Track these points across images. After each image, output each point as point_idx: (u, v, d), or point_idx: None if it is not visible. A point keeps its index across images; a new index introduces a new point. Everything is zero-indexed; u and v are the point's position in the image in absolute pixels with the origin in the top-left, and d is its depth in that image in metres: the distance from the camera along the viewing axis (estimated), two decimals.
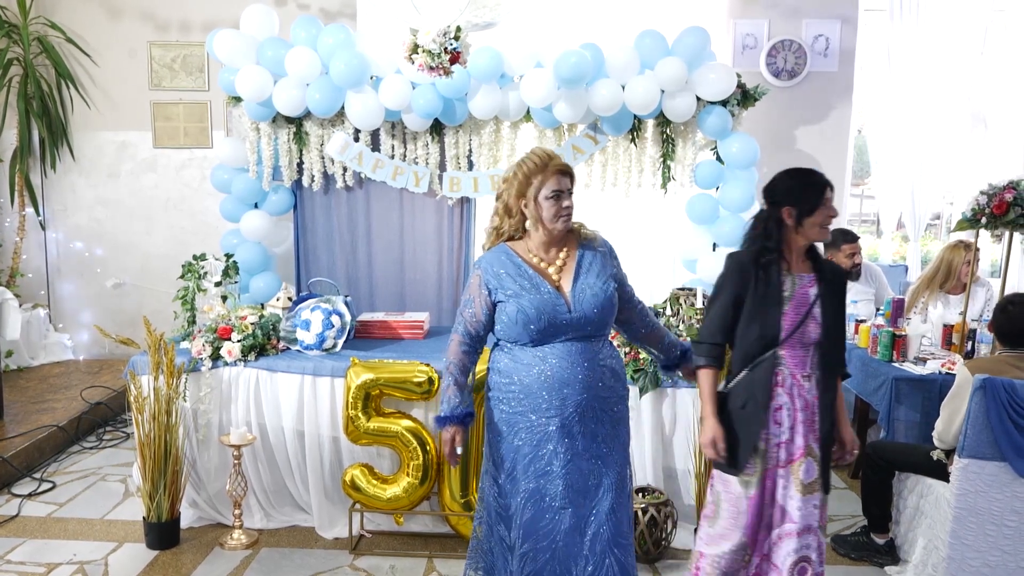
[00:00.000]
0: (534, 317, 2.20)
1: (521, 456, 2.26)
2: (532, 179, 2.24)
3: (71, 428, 4.37)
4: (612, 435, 2.30)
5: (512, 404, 2.26)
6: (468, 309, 2.32)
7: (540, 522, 2.25)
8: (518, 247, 2.32)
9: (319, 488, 3.40)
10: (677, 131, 4.74)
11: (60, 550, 3.23)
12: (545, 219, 2.25)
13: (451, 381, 2.30)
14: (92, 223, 5.58)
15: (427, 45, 3.33)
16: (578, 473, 2.24)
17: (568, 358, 2.23)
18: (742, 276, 2.37)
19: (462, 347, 2.32)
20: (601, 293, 2.26)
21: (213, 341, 3.35)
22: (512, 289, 2.24)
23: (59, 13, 5.35)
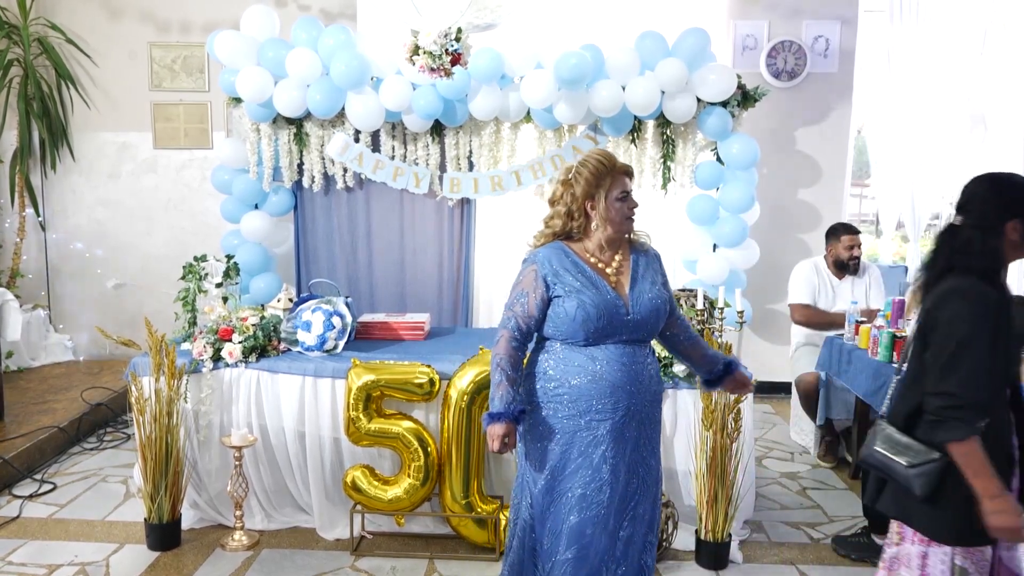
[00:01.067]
0: (594, 316, 2.18)
1: (568, 461, 2.23)
2: (603, 180, 2.23)
3: (72, 429, 4.37)
4: (653, 439, 2.31)
5: (559, 408, 2.23)
6: (520, 303, 2.27)
7: (585, 529, 2.22)
8: (575, 247, 2.30)
9: (320, 489, 3.40)
10: (677, 132, 4.75)
11: (61, 551, 3.23)
12: (614, 220, 2.25)
13: (503, 377, 2.25)
14: (92, 224, 5.58)
15: (428, 47, 3.34)
16: (624, 478, 2.23)
17: (620, 360, 2.21)
18: (998, 314, 1.91)
19: (512, 343, 2.27)
20: (657, 298, 2.26)
21: (214, 342, 3.35)
22: (572, 285, 2.21)
23: (59, 14, 5.35)
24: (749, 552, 3.29)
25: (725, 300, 3.69)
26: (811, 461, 4.35)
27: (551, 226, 2.32)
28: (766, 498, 3.83)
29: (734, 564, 3.18)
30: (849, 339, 4.00)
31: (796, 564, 3.20)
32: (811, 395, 4.30)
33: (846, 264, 4.41)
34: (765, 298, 5.29)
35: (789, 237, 5.39)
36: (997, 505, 1.81)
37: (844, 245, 4.42)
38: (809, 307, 4.51)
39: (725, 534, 3.14)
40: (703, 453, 3.09)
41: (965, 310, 1.89)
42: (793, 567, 3.18)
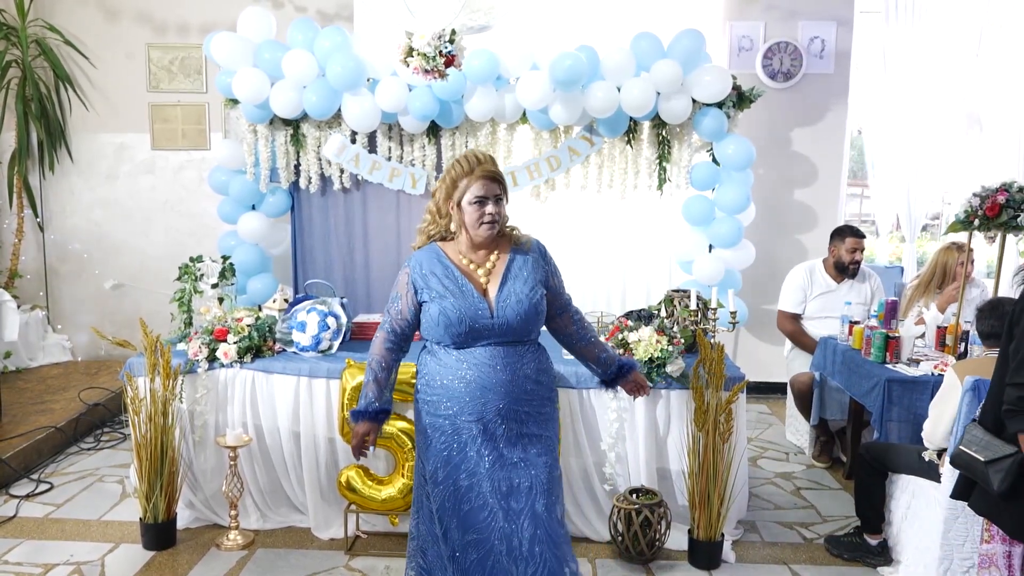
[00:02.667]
0: (455, 320, 2.22)
1: (450, 457, 2.27)
2: (459, 182, 2.24)
3: (69, 429, 4.39)
4: (537, 436, 2.31)
5: (437, 407, 2.29)
6: (395, 306, 2.34)
7: (477, 518, 2.25)
8: (448, 248, 2.33)
9: (315, 489, 3.41)
10: (673, 133, 4.77)
11: (57, 551, 3.24)
12: (468, 224, 2.26)
13: (371, 377, 2.34)
14: (90, 225, 5.60)
15: (422, 48, 3.36)
16: (504, 476, 2.25)
17: (490, 362, 2.25)
18: None
19: (386, 344, 2.35)
20: (526, 300, 2.27)
21: (209, 343, 3.36)
22: (437, 290, 2.26)
23: (57, 15, 5.37)
24: (742, 552, 3.30)
25: (718, 301, 3.70)
26: (806, 461, 4.36)
27: (424, 222, 2.36)
28: (760, 498, 3.84)
29: (727, 564, 3.19)
30: (843, 340, 4.01)
31: (789, 564, 3.21)
32: (805, 396, 4.31)
33: (846, 267, 4.42)
34: (760, 299, 5.30)
35: (785, 238, 5.40)
36: None
37: (847, 248, 4.43)
38: (796, 319, 4.52)
39: (718, 534, 3.15)
40: (695, 453, 3.11)
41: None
42: (786, 567, 3.18)
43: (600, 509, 3.38)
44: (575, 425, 3.35)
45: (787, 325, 4.54)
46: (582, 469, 3.39)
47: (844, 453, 4.20)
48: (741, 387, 3.10)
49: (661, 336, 3.33)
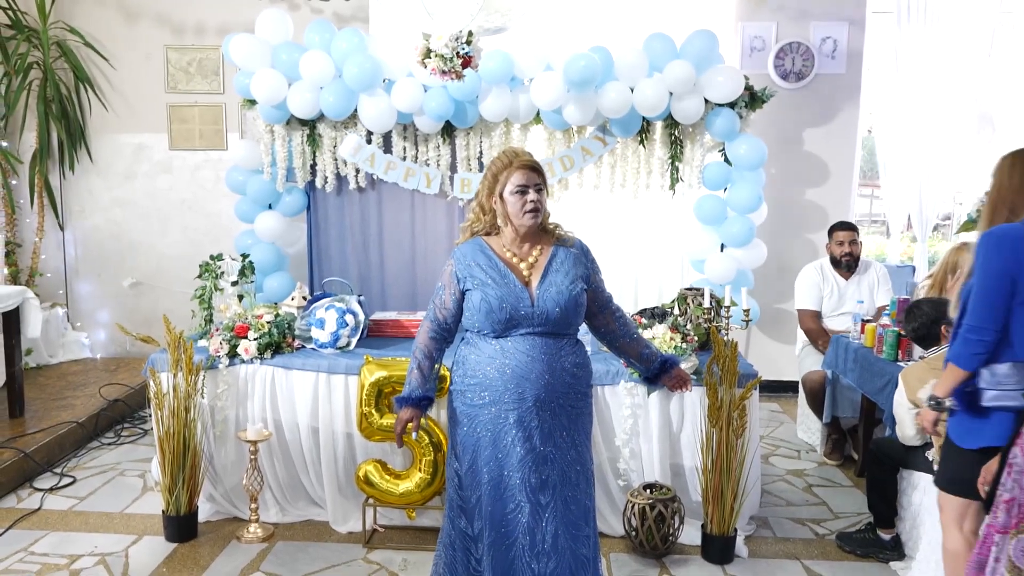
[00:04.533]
0: (496, 307, 2.28)
1: (482, 448, 2.33)
2: (499, 176, 2.32)
3: (90, 424, 4.46)
4: (571, 430, 2.36)
5: (473, 396, 2.34)
6: (439, 297, 2.41)
7: (502, 512, 2.31)
8: (492, 242, 2.40)
9: (333, 483, 3.47)
10: (685, 133, 4.80)
11: (81, 542, 3.31)
12: (511, 214, 2.33)
13: (415, 365, 2.41)
14: (109, 224, 5.68)
15: (439, 50, 3.40)
16: (535, 467, 2.30)
17: (528, 352, 2.30)
18: None
19: (430, 334, 2.42)
20: (566, 292, 2.32)
21: (230, 339, 3.42)
22: (480, 279, 2.32)
23: (77, 17, 5.45)
24: (754, 547, 3.34)
25: (731, 299, 3.73)
26: (817, 459, 4.39)
27: (468, 221, 2.44)
28: (772, 495, 3.88)
29: (739, 559, 3.23)
30: (855, 338, 4.04)
31: (801, 559, 3.24)
32: (817, 393, 4.34)
33: (839, 261, 4.45)
34: (772, 298, 5.33)
35: (797, 237, 5.43)
36: None
37: (836, 241, 4.46)
38: (817, 316, 4.55)
39: (731, 529, 3.18)
40: (708, 449, 3.14)
41: None
42: (798, 562, 3.22)
43: (615, 504, 3.42)
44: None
45: (810, 323, 4.56)
46: (597, 465, 3.39)
47: (856, 451, 4.23)
48: (755, 384, 3.14)
49: (675, 334, 3.38)
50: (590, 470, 2.46)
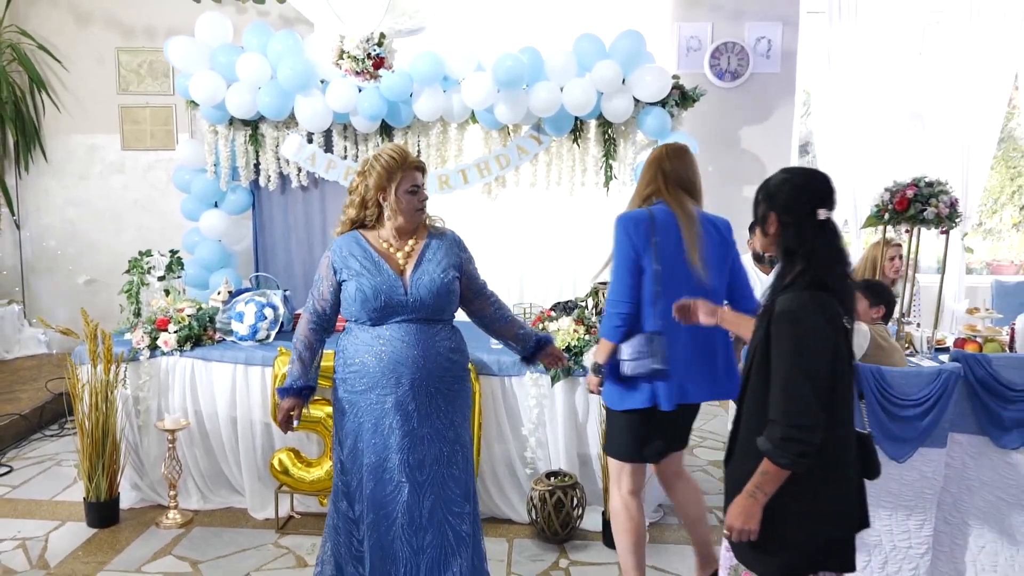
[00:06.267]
0: (371, 296, 2.40)
1: (363, 432, 2.44)
2: (394, 174, 2.44)
3: (34, 417, 4.59)
4: (448, 411, 2.48)
5: (353, 383, 2.45)
6: (317, 289, 2.53)
7: (382, 493, 2.43)
8: (369, 234, 2.51)
9: (252, 471, 3.58)
10: (618, 131, 4.90)
11: (6, 528, 3.44)
12: (404, 211, 2.46)
13: (296, 356, 2.52)
14: (64, 223, 5.81)
15: (352, 51, 3.51)
16: (413, 448, 2.42)
17: (404, 339, 2.42)
18: None
19: (310, 325, 2.53)
20: (438, 280, 2.46)
21: (151, 332, 3.54)
22: (355, 269, 2.44)
23: (31, 20, 5.58)
24: (657, 533, 3.44)
25: None
26: None
27: (347, 214, 2.55)
28: None
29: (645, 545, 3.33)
30: None
31: None
32: None
33: (761, 256, 4.56)
34: None
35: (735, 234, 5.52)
36: None
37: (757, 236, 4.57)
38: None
39: None
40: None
41: None
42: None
43: (522, 492, 3.53)
44: (497, 411, 3.51)
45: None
46: (504, 453, 3.54)
47: None
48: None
49: (579, 326, 3.49)
50: (469, 450, 2.58)
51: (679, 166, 2.69)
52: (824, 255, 1.86)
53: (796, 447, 1.78)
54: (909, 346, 3.84)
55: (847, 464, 1.92)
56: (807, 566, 1.92)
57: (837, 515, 1.91)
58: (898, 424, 2.81)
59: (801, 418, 1.78)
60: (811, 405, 1.78)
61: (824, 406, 1.79)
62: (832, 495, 1.89)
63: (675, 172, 2.66)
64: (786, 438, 1.79)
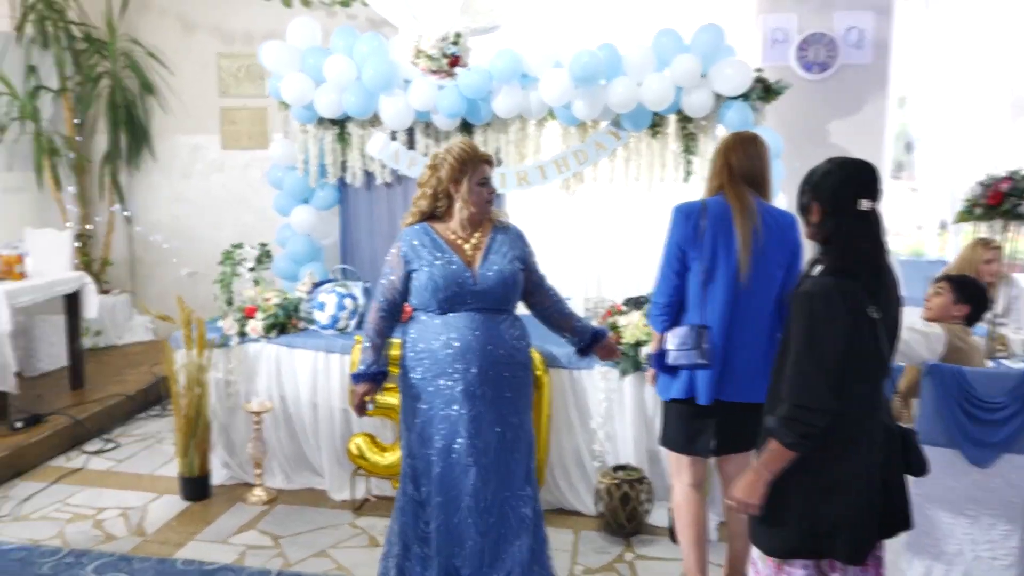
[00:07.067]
0: (441, 285, 2.48)
1: (431, 418, 2.53)
2: (466, 166, 2.53)
3: (139, 398, 4.94)
4: (512, 399, 2.54)
5: (422, 370, 2.54)
6: (387, 278, 2.62)
7: (450, 476, 2.52)
8: (438, 225, 2.60)
9: (331, 454, 3.76)
10: (698, 126, 4.84)
11: (111, 497, 3.74)
12: (474, 203, 2.54)
13: (368, 343, 2.62)
14: (170, 218, 6.21)
15: (427, 50, 3.62)
16: (479, 432, 2.50)
17: (471, 327, 2.49)
18: None
19: (380, 312, 2.63)
20: (506, 271, 2.54)
21: (240, 319, 3.76)
22: (426, 259, 2.53)
23: (141, 30, 5.99)
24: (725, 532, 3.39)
25: None
26: None
27: (418, 205, 2.64)
28: None
29: (709, 542, 3.29)
30: None
31: None
32: None
33: None
34: None
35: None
36: None
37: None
38: None
39: None
40: None
41: None
42: None
43: (589, 484, 3.57)
44: (566, 404, 3.55)
45: None
46: (573, 446, 3.58)
47: None
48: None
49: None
50: (531, 436, 2.65)
51: (745, 156, 2.64)
52: (860, 245, 1.87)
53: (800, 427, 1.80)
54: (1004, 348, 3.64)
55: (859, 453, 1.89)
56: (810, 548, 1.92)
57: (840, 498, 1.88)
58: (980, 428, 2.68)
59: (807, 399, 1.79)
60: (818, 387, 1.78)
61: (834, 390, 1.77)
62: (837, 479, 1.88)
63: (740, 163, 2.62)
64: (791, 417, 1.81)
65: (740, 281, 2.49)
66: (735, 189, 2.56)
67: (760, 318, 2.51)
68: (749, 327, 2.46)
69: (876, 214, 1.92)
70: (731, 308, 2.51)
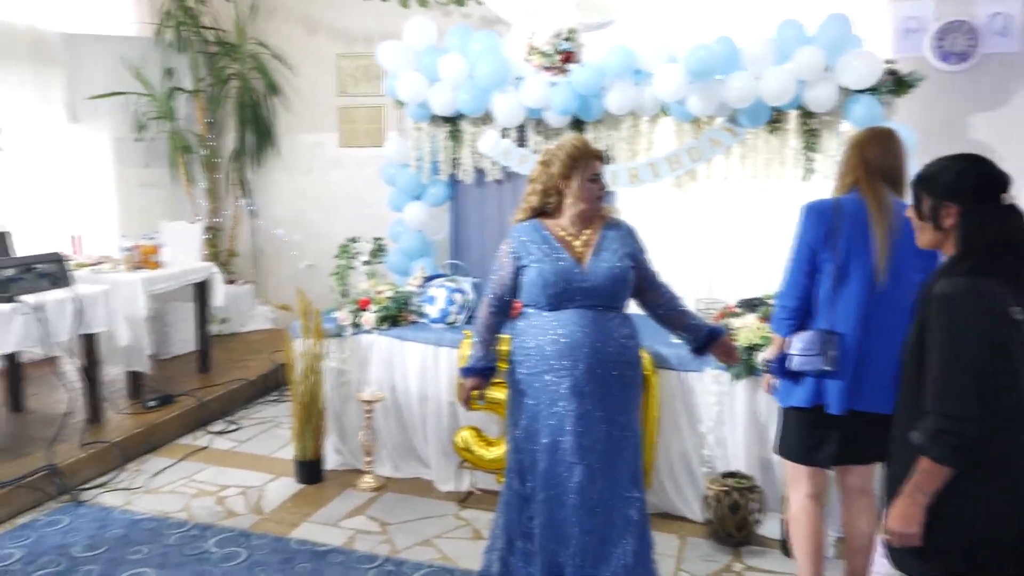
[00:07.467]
0: (551, 281, 2.46)
1: (537, 413, 2.51)
2: (577, 163, 2.51)
3: (260, 383, 5.19)
4: (620, 398, 2.49)
5: (529, 365, 2.52)
6: (497, 274, 2.63)
7: (555, 473, 2.49)
8: (548, 222, 2.59)
9: (438, 446, 3.82)
10: (821, 121, 4.62)
11: (232, 476, 3.94)
12: (584, 199, 2.51)
13: (478, 339, 2.63)
14: (291, 213, 6.51)
15: (541, 47, 3.62)
16: (586, 430, 2.46)
17: (580, 323, 2.45)
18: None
19: (490, 308, 2.63)
20: (617, 268, 2.49)
21: (354, 311, 3.88)
22: (536, 255, 2.51)
23: (268, 33, 6.29)
24: (842, 548, 3.22)
25: None
26: None
27: (528, 202, 2.62)
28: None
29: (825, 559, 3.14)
30: None
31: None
32: None
33: None
34: None
35: None
36: None
37: None
38: None
39: None
40: None
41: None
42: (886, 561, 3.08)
43: (697, 489, 3.47)
44: (675, 406, 3.47)
45: None
46: (681, 449, 3.49)
47: None
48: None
49: (764, 323, 3.35)
50: (639, 437, 2.62)
51: (882, 152, 2.49)
52: (1002, 241, 1.74)
53: (951, 439, 1.65)
54: None
55: (1015, 468, 1.73)
56: (968, 574, 1.76)
57: (996, 518, 1.73)
58: None
59: (955, 408, 1.65)
60: (966, 394, 1.64)
61: (982, 398, 1.62)
62: (992, 497, 1.72)
63: (878, 159, 2.47)
64: (940, 430, 1.67)
65: (877, 283, 2.35)
66: (872, 186, 2.42)
67: (897, 322, 2.35)
68: (885, 332, 2.32)
69: (1018, 208, 1.79)
70: (866, 311, 2.37)
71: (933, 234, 1.86)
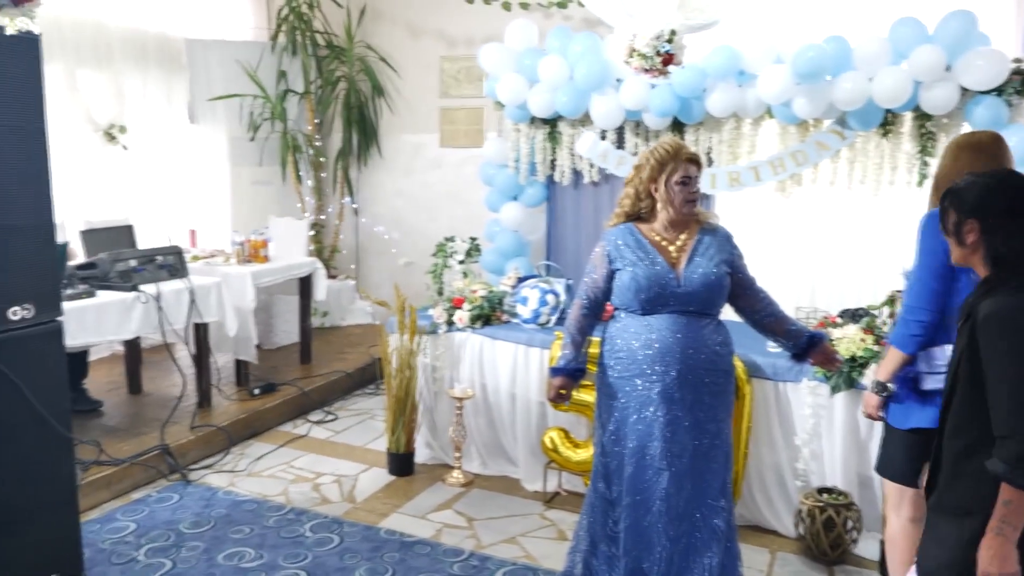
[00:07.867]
0: (644, 285, 2.43)
1: (626, 417, 2.49)
2: (665, 166, 2.48)
3: (357, 375, 5.37)
4: (711, 405, 2.44)
5: (619, 369, 2.50)
6: (590, 276, 2.62)
7: (642, 478, 2.47)
8: (642, 226, 2.56)
9: (526, 445, 3.85)
10: (939, 124, 4.38)
11: (328, 464, 4.10)
12: (675, 202, 2.48)
13: (568, 340, 2.63)
14: (391, 211, 6.70)
15: (641, 49, 3.58)
16: (675, 437, 2.42)
17: (673, 329, 2.41)
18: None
19: (582, 310, 2.62)
20: (712, 274, 2.44)
21: (448, 309, 3.96)
22: (630, 259, 2.49)
23: (374, 36, 6.50)
24: None
25: None
26: None
27: (622, 206, 2.59)
28: None
29: None
30: None
31: None
32: None
33: None
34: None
35: None
36: None
37: None
38: None
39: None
40: None
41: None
42: None
43: (790, 504, 3.37)
44: (769, 417, 3.37)
45: None
46: (774, 462, 3.39)
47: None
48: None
49: (868, 335, 3.21)
50: (729, 446, 2.56)
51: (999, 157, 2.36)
52: None
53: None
54: None
55: None
56: None
57: None
58: None
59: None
60: None
61: None
62: None
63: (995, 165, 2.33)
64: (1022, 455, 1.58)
65: None
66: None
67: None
68: None
69: None
70: None
71: (959, 250, 1.85)
